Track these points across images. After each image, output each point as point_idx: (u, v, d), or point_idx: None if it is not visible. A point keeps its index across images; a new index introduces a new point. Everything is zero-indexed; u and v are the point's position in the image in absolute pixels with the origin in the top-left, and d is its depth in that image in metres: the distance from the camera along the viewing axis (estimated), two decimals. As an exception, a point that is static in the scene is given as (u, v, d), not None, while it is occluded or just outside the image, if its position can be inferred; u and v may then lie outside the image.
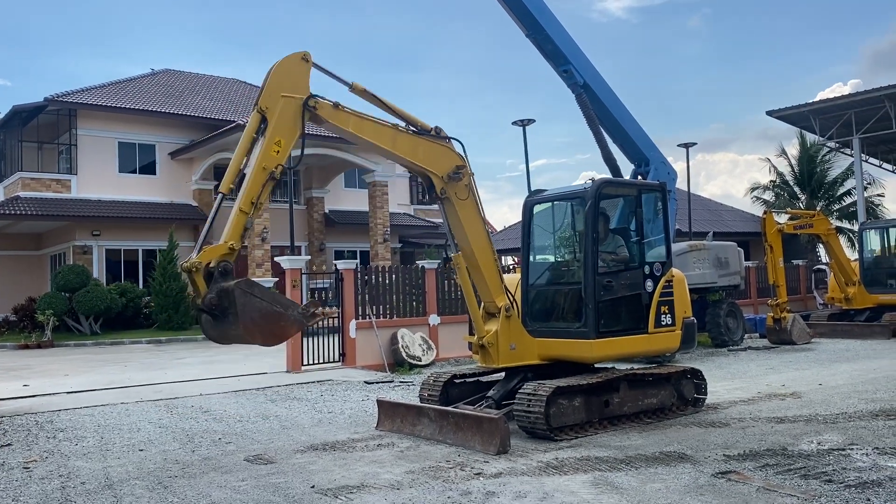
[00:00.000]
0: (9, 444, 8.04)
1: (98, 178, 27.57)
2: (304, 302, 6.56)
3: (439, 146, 7.91)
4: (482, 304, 8.44)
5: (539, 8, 13.08)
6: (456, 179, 7.90)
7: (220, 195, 6.62)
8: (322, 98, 7.12)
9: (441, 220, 8.48)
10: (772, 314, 17.50)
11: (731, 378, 12.07)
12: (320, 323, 14.94)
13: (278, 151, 6.75)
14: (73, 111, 27.33)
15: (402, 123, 7.82)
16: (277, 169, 6.70)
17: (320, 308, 6.59)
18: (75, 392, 11.93)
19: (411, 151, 7.74)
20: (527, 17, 12.99)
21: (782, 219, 22.55)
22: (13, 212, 24.76)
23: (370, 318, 15.03)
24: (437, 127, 7.93)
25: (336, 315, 14.80)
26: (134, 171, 28.57)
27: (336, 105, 7.24)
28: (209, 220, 6.68)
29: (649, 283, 8.62)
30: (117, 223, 26.82)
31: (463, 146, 8.06)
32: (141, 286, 26.45)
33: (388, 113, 7.80)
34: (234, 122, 26.40)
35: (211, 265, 6.22)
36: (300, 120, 6.94)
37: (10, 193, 27.37)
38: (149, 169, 29.04)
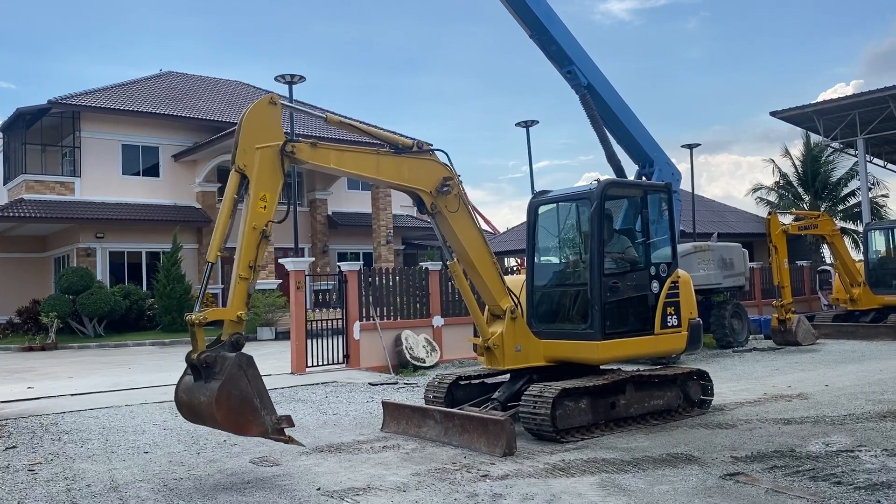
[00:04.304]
0: (14, 447, 8.04)
1: (101, 181, 27.59)
2: (280, 415, 6.27)
3: (423, 161, 7.73)
4: (486, 307, 8.43)
5: (543, 10, 13.08)
6: (445, 193, 7.74)
7: (209, 264, 6.34)
8: (299, 140, 6.89)
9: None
10: (776, 315, 17.44)
11: (737, 379, 12.03)
12: (324, 325, 15.03)
13: (265, 207, 6.45)
14: (76, 113, 27.36)
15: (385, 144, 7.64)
16: (268, 226, 6.42)
17: (286, 430, 6.26)
18: (80, 394, 11.91)
19: (396, 173, 7.56)
20: (531, 18, 13.00)
21: (787, 220, 22.52)
22: (17, 214, 24.78)
23: (374, 319, 15.02)
24: (417, 141, 7.74)
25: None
26: (137, 174, 28.60)
27: (314, 144, 6.97)
28: (203, 282, 6.47)
29: (655, 285, 8.60)
30: (121, 225, 26.84)
31: (448, 156, 7.89)
32: (144, 288, 26.46)
33: (367, 137, 7.63)
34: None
35: (223, 337, 6.11)
36: (280, 168, 6.62)
37: (14, 196, 27.43)
38: (152, 171, 29.05)
